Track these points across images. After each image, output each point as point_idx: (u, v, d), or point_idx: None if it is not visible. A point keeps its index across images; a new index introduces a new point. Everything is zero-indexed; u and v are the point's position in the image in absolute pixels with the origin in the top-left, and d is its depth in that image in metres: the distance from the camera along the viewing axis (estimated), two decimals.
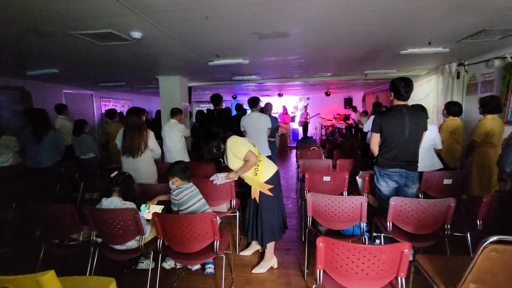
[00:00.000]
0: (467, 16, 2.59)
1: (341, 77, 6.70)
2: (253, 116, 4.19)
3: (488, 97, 3.38)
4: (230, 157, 2.46)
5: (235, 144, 2.43)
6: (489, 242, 1.44)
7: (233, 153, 2.42)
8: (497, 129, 3.23)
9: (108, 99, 8.72)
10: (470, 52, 4.26)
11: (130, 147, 3.14)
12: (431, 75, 5.75)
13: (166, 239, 2.11)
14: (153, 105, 11.15)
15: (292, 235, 3.35)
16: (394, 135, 2.48)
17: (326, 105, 12.74)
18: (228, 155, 2.47)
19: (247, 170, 2.42)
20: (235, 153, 2.42)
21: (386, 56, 4.32)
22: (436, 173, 3.02)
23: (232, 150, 2.42)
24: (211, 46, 3.51)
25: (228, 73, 5.82)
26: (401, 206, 2.22)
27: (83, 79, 6.24)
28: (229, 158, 2.48)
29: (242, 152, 2.38)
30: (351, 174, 3.35)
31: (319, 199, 2.30)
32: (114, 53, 3.66)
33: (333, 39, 3.34)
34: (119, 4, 2.11)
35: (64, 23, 2.52)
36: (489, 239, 1.44)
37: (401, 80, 2.45)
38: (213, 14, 2.39)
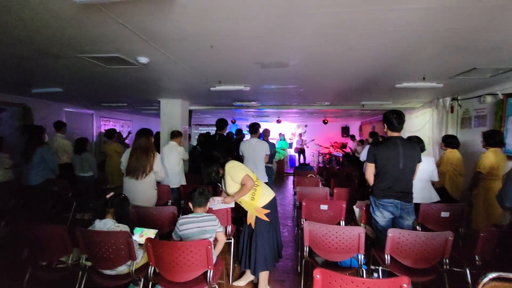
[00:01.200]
0: (459, 55, 2.74)
1: (339, 106, 6.88)
2: (252, 142, 4.23)
3: (490, 131, 3.49)
4: (228, 181, 2.47)
5: (233, 168, 2.47)
6: (488, 279, 1.42)
7: (231, 177, 2.45)
8: (501, 163, 3.28)
9: (108, 119, 8.80)
10: (463, 88, 4.44)
11: (136, 169, 3.10)
12: (426, 108, 5.93)
13: (158, 266, 2.04)
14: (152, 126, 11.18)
15: (288, 265, 3.25)
16: (388, 166, 2.52)
17: (323, 133, 12.92)
18: (226, 179, 2.48)
19: (244, 194, 2.43)
20: (232, 177, 2.44)
21: (382, 88, 4.48)
22: (434, 206, 3.01)
23: (230, 174, 2.44)
24: (214, 73, 3.64)
25: (228, 99, 5.96)
26: (399, 238, 2.19)
27: (86, 99, 6.34)
28: (227, 183, 2.49)
29: (239, 176, 2.42)
30: (348, 203, 3.33)
31: (316, 228, 2.27)
32: (119, 75, 3.76)
33: (330, 71, 3.48)
34: (129, 31, 2.22)
35: (74, 47, 2.63)
36: (488, 275, 1.42)
37: (393, 113, 2.55)
38: (218, 44, 2.51)
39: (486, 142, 3.39)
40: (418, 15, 1.90)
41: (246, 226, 2.62)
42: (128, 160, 3.15)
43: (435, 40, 2.36)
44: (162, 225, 2.83)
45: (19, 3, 1.79)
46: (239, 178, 2.43)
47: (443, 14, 1.88)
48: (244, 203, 2.52)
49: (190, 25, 2.12)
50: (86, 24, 2.11)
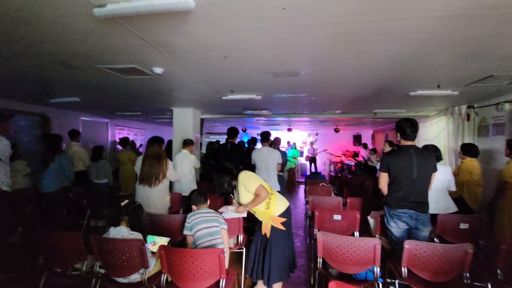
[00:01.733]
0: (475, 62, 2.69)
1: (351, 114, 6.82)
2: (264, 151, 4.23)
3: None
4: (241, 191, 2.47)
5: (247, 178, 2.47)
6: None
7: (244, 186, 2.44)
8: None
9: (123, 128, 9.01)
10: (479, 96, 4.33)
11: (148, 176, 3.15)
12: (441, 116, 5.80)
13: (171, 274, 2.04)
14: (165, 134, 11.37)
15: (300, 277, 3.18)
16: (402, 176, 2.47)
17: (335, 141, 12.79)
18: (240, 188, 2.48)
19: (257, 204, 2.42)
20: (246, 186, 2.44)
21: (395, 96, 4.43)
22: (452, 217, 2.91)
23: (244, 184, 2.44)
24: (226, 82, 3.69)
25: (240, 107, 6.01)
26: (416, 250, 2.12)
27: (102, 108, 6.54)
28: (240, 192, 2.48)
29: (253, 186, 2.42)
30: (362, 213, 3.26)
31: (330, 239, 2.23)
32: (135, 85, 3.87)
33: (342, 80, 3.48)
34: (145, 43, 2.30)
35: (92, 58, 2.73)
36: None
37: (406, 121, 2.51)
38: (231, 54, 2.56)
39: (510, 150, 3.26)
40: (431, 22, 1.89)
41: (258, 235, 2.59)
42: (140, 168, 3.20)
43: (449, 47, 2.33)
44: (174, 233, 2.84)
45: (41, 17, 1.88)
46: (253, 188, 2.42)
47: (458, 21, 1.86)
48: (258, 213, 2.50)
49: (204, 37, 2.17)
50: (104, 36, 2.20)
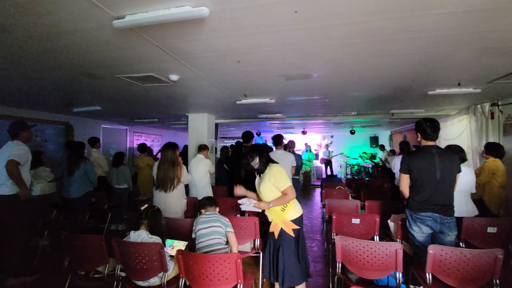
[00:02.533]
0: (498, 58, 2.58)
1: (366, 116, 6.68)
2: (277, 154, 4.21)
3: None
4: (267, 184, 2.37)
5: (281, 173, 2.35)
6: None
7: (275, 180, 2.33)
8: None
9: (141, 134, 9.27)
10: (503, 93, 4.13)
11: (164, 181, 3.22)
12: (462, 115, 5.58)
13: (188, 279, 2.05)
14: (180, 140, 11.64)
15: (318, 282, 3.12)
16: (424, 177, 2.38)
17: (350, 144, 12.56)
18: (266, 181, 2.38)
19: (282, 204, 2.33)
20: (277, 181, 2.32)
21: (413, 96, 4.30)
22: (478, 220, 2.77)
23: (276, 178, 2.32)
24: (240, 87, 3.73)
25: (253, 111, 6.04)
26: (441, 256, 2.03)
27: (121, 116, 6.76)
28: (265, 185, 2.38)
29: (285, 183, 2.32)
30: (382, 216, 3.17)
31: (349, 243, 2.18)
32: (152, 93, 3.99)
33: (357, 81, 3.42)
34: (162, 52, 2.37)
35: (113, 68, 2.85)
36: None
37: (426, 121, 2.43)
38: (244, 59, 2.58)
39: None
40: (451, 19, 1.83)
41: (271, 239, 2.56)
42: (156, 174, 3.29)
43: (470, 44, 2.24)
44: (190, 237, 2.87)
45: (65, 31, 1.98)
46: (283, 186, 2.30)
47: (478, 16, 1.79)
48: (272, 212, 2.41)
49: (217, 43, 2.21)
50: (124, 47, 2.28)
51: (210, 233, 2.45)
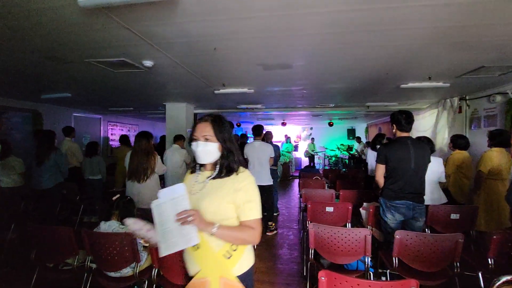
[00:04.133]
0: (466, 53, 2.69)
1: (343, 108, 6.83)
2: (255, 145, 4.23)
3: (497, 130, 3.39)
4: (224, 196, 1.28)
5: (256, 190, 1.34)
6: (502, 282, 1.37)
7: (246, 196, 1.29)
8: (505, 163, 3.18)
9: (115, 124, 8.92)
10: (471, 87, 4.35)
11: (137, 171, 3.13)
12: (433, 109, 5.84)
13: (162, 268, 2.03)
14: (158, 130, 11.35)
15: (293, 269, 3.21)
16: (400, 167, 2.48)
17: (329, 135, 12.84)
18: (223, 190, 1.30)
19: (233, 240, 1.28)
20: (247, 199, 1.29)
21: (387, 89, 4.43)
22: (443, 207, 2.94)
23: (248, 193, 1.30)
24: (218, 76, 3.66)
25: (233, 102, 5.98)
26: (407, 241, 2.14)
27: (94, 104, 6.45)
28: (218, 195, 1.29)
29: (256, 209, 1.30)
30: (355, 205, 3.28)
31: (321, 230, 2.24)
32: (126, 80, 3.82)
33: (333, 72, 3.46)
34: (134, 35, 2.26)
35: (81, 51, 2.68)
36: (501, 278, 1.37)
37: (402, 113, 2.53)
38: (221, 46, 2.52)
39: (490, 141, 3.30)
40: (420, 12, 1.88)
41: None
42: (129, 164, 3.19)
43: (440, 38, 2.32)
44: None
45: (28, 9, 1.83)
46: (253, 213, 1.28)
47: (446, 11, 1.86)
48: (204, 255, 1.29)
49: (193, 28, 2.14)
50: (91, 28, 2.15)
51: None
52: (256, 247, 3.77)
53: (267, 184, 4.19)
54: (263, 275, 3.05)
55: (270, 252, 3.70)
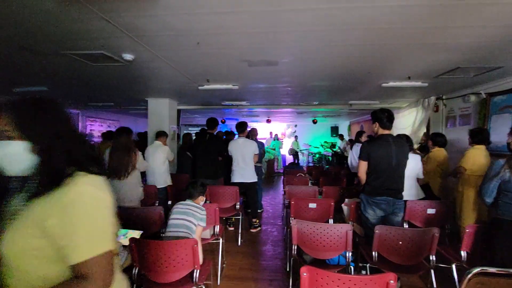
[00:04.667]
0: (444, 54, 2.79)
1: (327, 106, 6.93)
2: (239, 142, 4.21)
3: (477, 129, 3.52)
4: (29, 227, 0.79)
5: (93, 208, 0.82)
6: (473, 274, 1.43)
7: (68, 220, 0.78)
8: (484, 160, 3.33)
9: (95, 119, 8.60)
10: (447, 87, 4.53)
11: (117, 168, 3.02)
12: (412, 108, 6.03)
13: (142, 267, 1.98)
14: (141, 126, 11.06)
15: (276, 265, 3.23)
16: (382, 164, 2.53)
17: (313, 133, 13.01)
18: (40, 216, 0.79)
19: None
20: (72, 223, 0.78)
21: (369, 87, 4.53)
22: (420, 202, 3.06)
23: (75, 214, 0.79)
24: (201, 71, 3.59)
25: (217, 98, 5.91)
26: (386, 235, 2.21)
27: (72, 98, 6.18)
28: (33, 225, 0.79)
29: (89, 243, 0.80)
30: (337, 201, 3.34)
31: (304, 226, 2.26)
32: (105, 73, 3.67)
33: (317, 70, 3.50)
34: (113, 27, 2.16)
35: (57, 43, 2.54)
36: (472, 271, 1.44)
37: (383, 111, 2.59)
38: (204, 41, 2.47)
39: (472, 139, 3.43)
40: (400, 13, 1.92)
41: None
42: (108, 160, 3.07)
43: (418, 38, 2.38)
44: (148, 226, 2.76)
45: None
46: (81, 252, 0.78)
47: (424, 12, 1.90)
48: None
49: (175, 21, 2.08)
50: (69, 19, 2.05)
51: (178, 225, 2.28)
52: (240, 244, 3.77)
53: (251, 181, 4.18)
54: (246, 272, 3.05)
55: (254, 249, 3.71)
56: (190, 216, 2.31)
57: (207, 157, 4.31)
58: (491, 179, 2.08)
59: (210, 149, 4.31)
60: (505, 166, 2.02)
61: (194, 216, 2.32)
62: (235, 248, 3.68)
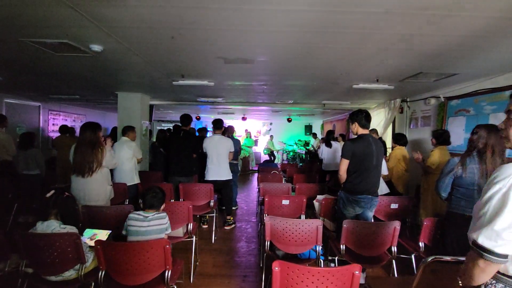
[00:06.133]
0: (407, 59, 2.98)
1: (301, 105, 7.09)
2: (215, 139, 4.18)
3: (440, 130, 3.77)
4: None
5: None
6: (428, 262, 1.57)
7: None
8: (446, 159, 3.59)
9: (58, 113, 8.04)
10: (411, 91, 4.84)
11: (81, 165, 2.85)
12: (380, 108, 6.37)
13: (110, 270, 1.90)
14: (109, 121, 10.54)
15: (250, 261, 3.27)
16: (364, 162, 2.62)
17: (287, 131, 13.24)
18: None
19: None
20: None
21: (341, 88, 4.71)
22: (385, 198, 3.25)
23: None
24: (176, 66, 3.51)
25: (192, 94, 5.81)
26: (353, 229, 2.33)
27: (31, 89, 5.73)
28: None
29: None
30: (309, 197, 3.45)
31: (277, 222, 2.31)
32: (70, 64, 3.45)
33: (294, 69, 3.56)
34: (79, 15, 2.04)
35: (16, 29, 2.34)
36: (428, 259, 1.57)
37: (362, 112, 2.71)
38: (179, 35, 2.42)
39: (436, 140, 3.67)
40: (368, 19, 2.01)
41: None
42: (73, 157, 2.91)
43: (390, 43, 2.51)
44: (117, 225, 2.66)
45: None
46: None
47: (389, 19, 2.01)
48: None
49: (148, 13, 2.01)
50: (29, 4, 1.89)
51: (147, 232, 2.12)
52: (214, 242, 3.76)
53: (226, 179, 4.18)
54: (220, 269, 3.06)
55: (228, 245, 3.72)
56: (154, 234, 2.11)
57: (181, 154, 4.22)
58: (446, 175, 2.26)
59: (184, 146, 4.23)
60: (458, 163, 2.21)
61: (159, 230, 2.14)
62: (208, 246, 3.66)
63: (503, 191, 0.89)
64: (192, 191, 3.76)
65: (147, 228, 2.11)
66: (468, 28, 2.11)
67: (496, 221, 0.88)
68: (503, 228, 0.87)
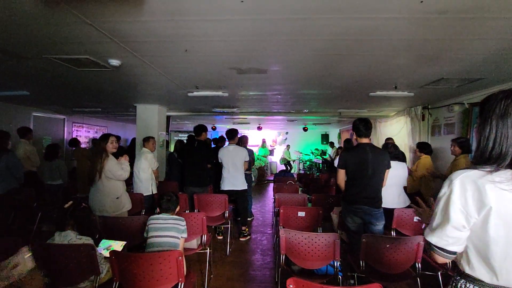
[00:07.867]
0: (428, 65, 2.85)
1: (317, 114, 6.99)
2: (230, 149, 4.17)
3: (463, 138, 3.65)
4: None
5: None
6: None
7: None
8: None
9: (81, 125, 8.41)
10: (433, 97, 4.64)
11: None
12: (399, 116, 6.15)
13: (123, 281, 1.90)
14: (130, 132, 10.89)
15: (265, 275, 3.17)
16: (357, 172, 2.58)
17: (304, 140, 13.07)
18: None
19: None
20: None
21: (357, 96, 4.60)
22: (407, 210, 3.07)
23: None
24: (190, 78, 3.57)
25: (207, 105, 5.88)
26: (373, 244, 2.20)
27: (56, 103, 6.04)
28: None
29: None
30: (326, 209, 3.33)
31: (292, 235, 2.23)
32: (91, 79, 3.60)
33: (308, 78, 3.51)
34: (98, 32, 2.12)
35: (39, 47, 2.48)
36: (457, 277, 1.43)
37: (360, 121, 2.64)
38: (192, 48, 2.45)
39: (461, 149, 3.52)
40: (387, 25, 1.95)
41: None
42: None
43: (404, 50, 2.43)
44: (132, 236, 2.68)
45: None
46: None
47: (410, 24, 1.94)
48: None
49: (161, 27, 2.05)
50: (51, 23, 1.99)
51: (162, 244, 2.18)
52: (229, 254, 3.70)
53: (242, 188, 4.14)
54: (234, 283, 2.98)
55: (243, 258, 3.65)
56: (172, 231, 2.22)
57: (196, 164, 4.24)
58: None
59: (199, 156, 4.26)
60: None
61: (177, 229, 2.25)
62: (223, 258, 3.60)
63: (447, 194, 0.98)
64: (206, 202, 3.75)
65: (165, 225, 2.25)
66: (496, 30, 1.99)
67: (443, 222, 0.99)
68: (448, 229, 0.98)
